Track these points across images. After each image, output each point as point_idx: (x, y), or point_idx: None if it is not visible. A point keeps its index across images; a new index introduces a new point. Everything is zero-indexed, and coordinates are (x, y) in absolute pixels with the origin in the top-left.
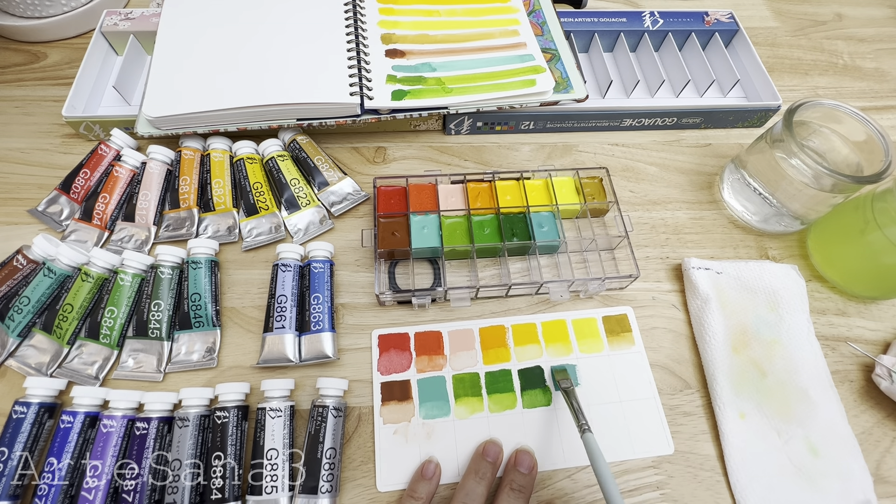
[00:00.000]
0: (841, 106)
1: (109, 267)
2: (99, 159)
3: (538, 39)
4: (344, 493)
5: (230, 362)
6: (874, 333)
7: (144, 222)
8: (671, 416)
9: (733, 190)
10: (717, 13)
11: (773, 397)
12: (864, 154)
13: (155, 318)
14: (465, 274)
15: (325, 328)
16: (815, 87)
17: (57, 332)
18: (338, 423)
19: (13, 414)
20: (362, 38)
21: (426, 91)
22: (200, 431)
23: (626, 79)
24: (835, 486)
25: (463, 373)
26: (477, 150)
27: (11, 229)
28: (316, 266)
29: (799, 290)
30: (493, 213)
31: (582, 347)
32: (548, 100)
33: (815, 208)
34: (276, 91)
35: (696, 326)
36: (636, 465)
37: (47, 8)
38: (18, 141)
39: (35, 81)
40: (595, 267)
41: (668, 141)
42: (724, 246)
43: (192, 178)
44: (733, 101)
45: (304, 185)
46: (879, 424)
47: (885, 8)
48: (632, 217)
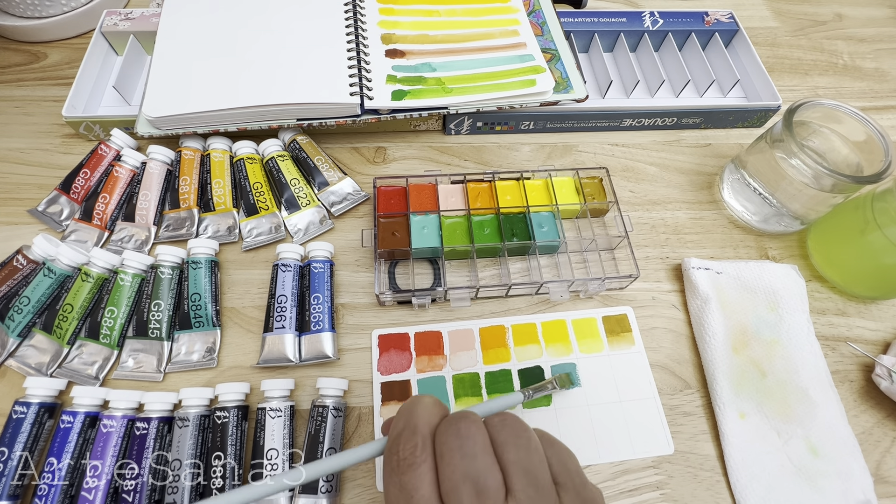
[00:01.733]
0: (841, 106)
1: (109, 267)
2: (99, 159)
3: (538, 39)
4: (344, 493)
5: (230, 362)
6: (874, 333)
7: (144, 222)
8: (671, 416)
9: (733, 190)
10: (717, 13)
11: (773, 397)
12: (864, 154)
13: (155, 318)
14: (465, 274)
15: (325, 328)
16: (815, 87)
17: (57, 332)
18: (338, 423)
19: (13, 414)
20: (362, 38)
21: (426, 91)
22: (200, 431)
23: (626, 79)
24: (835, 486)
25: (463, 373)
26: (477, 150)
27: (11, 229)
28: (316, 266)
29: (799, 290)
30: (493, 213)
31: (582, 347)
32: (548, 100)
33: (815, 208)
34: (276, 91)
35: (696, 326)
36: (636, 465)
37: (47, 8)
38: (18, 141)
39: (35, 81)
40: (595, 267)
41: (668, 141)
42: (724, 246)
43: (192, 178)
44: (733, 101)
45: (304, 185)
46: (879, 424)
47: (885, 8)
48: (632, 217)
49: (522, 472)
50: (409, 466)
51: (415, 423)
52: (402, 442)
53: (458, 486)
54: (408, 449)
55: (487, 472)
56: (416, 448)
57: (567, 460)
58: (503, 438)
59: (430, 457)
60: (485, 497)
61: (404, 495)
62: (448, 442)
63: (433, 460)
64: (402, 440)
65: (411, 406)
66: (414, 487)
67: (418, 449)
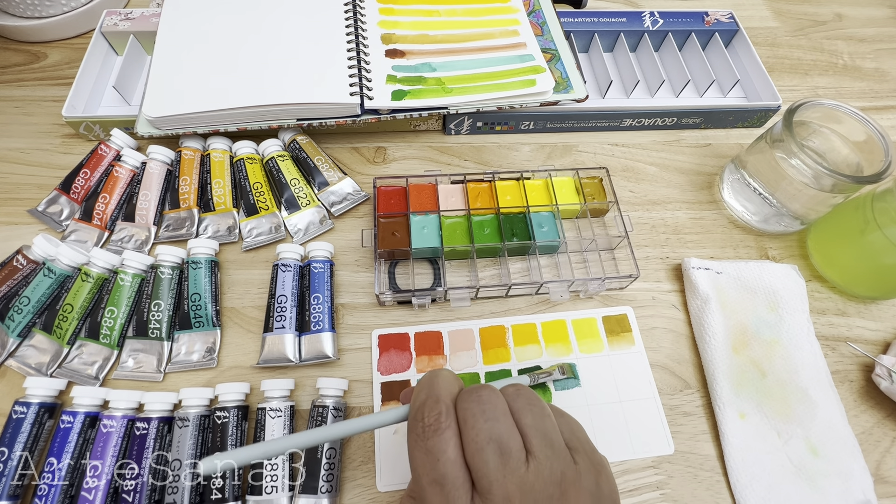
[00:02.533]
0: (841, 106)
1: (109, 267)
2: (99, 159)
3: (538, 39)
4: (344, 493)
5: (230, 362)
6: (874, 333)
7: (144, 222)
8: (671, 416)
9: (733, 190)
10: (717, 13)
11: (773, 397)
12: (864, 154)
13: (155, 318)
14: (465, 274)
15: (325, 328)
16: (815, 87)
17: (57, 332)
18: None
19: (13, 414)
20: (362, 38)
21: (426, 91)
22: (200, 431)
23: (626, 79)
24: (835, 486)
25: (463, 373)
26: (477, 150)
27: (11, 229)
28: (316, 266)
29: (799, 290)
30: (493, 213)
31: (582, 347)
32: (548, 100)
33: (815, 208)
34: (276, 91)
35: (696, 326)
36: (636, 465)
37: (47, 8)
38: (18, 141)
39: (35, 81)
40: (595, 267)
41: (668, 141)
42: (724, 246)
43: (192, 178)
44: (733, 101)
45: (304, 185)
46: (879, 424)
47: (885, 8)
48: (632, 217)
49: (541, 435)
50: (434, 432)
51: (437, 392)
52: (426, 409)
53: (483, 448)
54: (433, 416)
55: (510, 433)
56: (440, 415)
57: (576, 429)
58: (519, 405)
59: (454, 422)
60: (508, 457)
61: (430, 459)
62: (471, 408)
63: (457, 426)
64: (427, 408)
65: (432, 377)
66: (441, 450)
67: (443, 416)
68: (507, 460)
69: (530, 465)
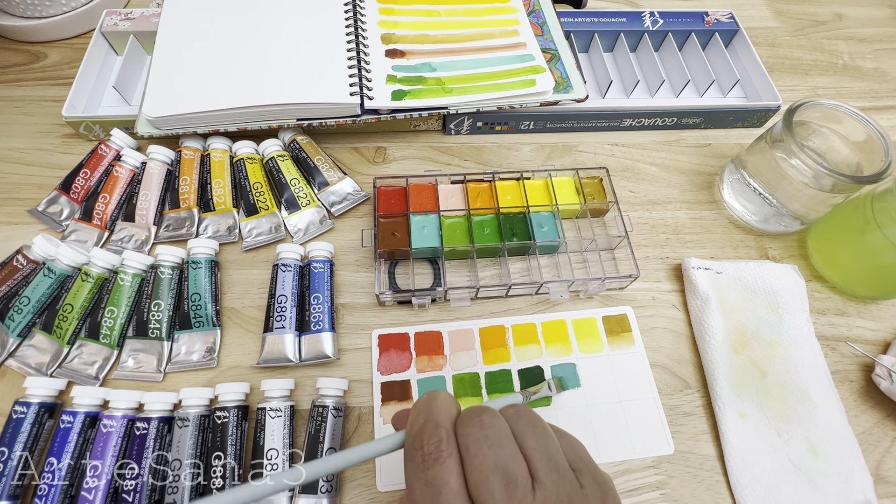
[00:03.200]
0: (841, 106)
1: (109, 267)
2: (99, 159)
3: (538, 39)
4: (344, 493)
5: (230, 362)
6: (874, 333)
7: (144, 222)
8: (671, 416)
9: (733, 190)
10: (717, 13)
11: (773, 397)
12: (864, 154)
13: (155, 318)
14: (465, 274)
15: (325, 328)
16: (815, 87)
17: (57, 332)
18: (338, 423)
19: (13, 414)
20: (362, 38)
21: (426, 91)
22: (200, 431)
23: (626, 79)
24: (835, 486)
25: (463, 373)
26: (477, 150)
27: (11, 229)
28: (316, 266)
29: (799, 290)
30: (493, 213)
31: (582, 347)
32: (548, 100)
33: (815, 208)
34: (276, 91)
35: (696, 326)
36: (636, 465)
37: (47, 8)
38: (18, 141)
39: (35, 81)
40: (595, 267)
41: (668, 141)
42: (724, 246)
43: (192, 178)
44: (733, 101)
45: (304, 185)
46: (879, 424)
47: (885, 8)
48: (632, 217)
49: (545, 459)
50: (435, 461)
51: (436, 417)
52: (425, 436)
53: (488, 478)
54: (432, 443)
55: (515, 460)
56: (441, 442)
57: (579, 449)
58: (521, 428)
59: (455, 450)
60: (514, 486)
61: (432, 491)
62: (473, 433)
63: (458, 453)
64: (426, 434)
65: (429, 401)
66: (442, 482)
67: (443, 443)
68: (513, 490)
69: (537, 493)
